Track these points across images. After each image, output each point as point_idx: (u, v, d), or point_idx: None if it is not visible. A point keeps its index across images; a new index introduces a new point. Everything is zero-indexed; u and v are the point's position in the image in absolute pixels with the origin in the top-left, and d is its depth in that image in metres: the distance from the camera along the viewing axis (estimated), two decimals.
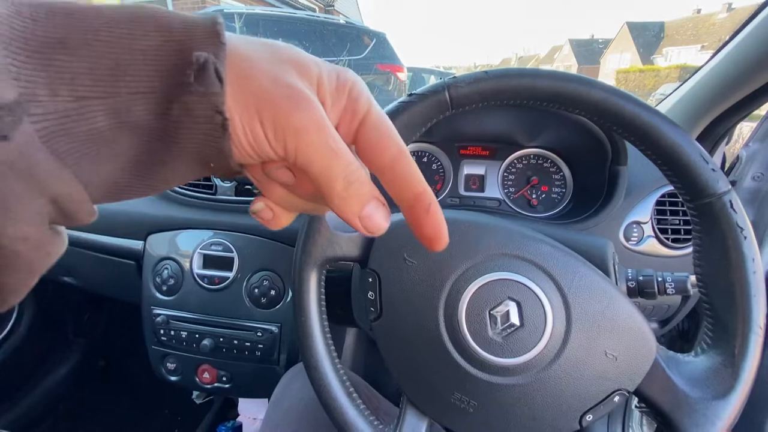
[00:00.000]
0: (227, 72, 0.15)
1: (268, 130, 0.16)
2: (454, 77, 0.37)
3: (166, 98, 0.14)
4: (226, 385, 0.74)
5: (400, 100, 0.38)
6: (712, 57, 0.63)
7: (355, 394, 0.40)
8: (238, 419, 0.94)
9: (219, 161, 0.16)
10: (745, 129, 0.79)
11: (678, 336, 0.81)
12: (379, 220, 0.18)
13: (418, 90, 0.38)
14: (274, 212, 0.21)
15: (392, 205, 0.20)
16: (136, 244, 0.74)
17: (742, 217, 0.33)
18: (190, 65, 0.14)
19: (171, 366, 0.76)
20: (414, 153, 0.75)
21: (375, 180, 0.19)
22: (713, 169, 0.33)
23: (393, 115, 0.38)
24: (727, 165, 0.71)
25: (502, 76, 0.36)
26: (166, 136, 0.15)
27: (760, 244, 0.63)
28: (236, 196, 0.70)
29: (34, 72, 0.13)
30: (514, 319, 0.34)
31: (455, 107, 0.37)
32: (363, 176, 0.18)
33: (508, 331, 0.34)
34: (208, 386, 0.75)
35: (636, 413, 0.84)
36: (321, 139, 0.16)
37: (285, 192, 0.20)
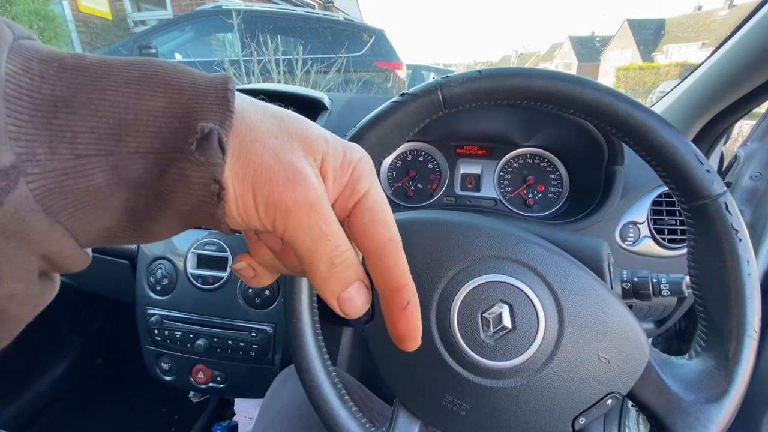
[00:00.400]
0: (230, 142, 0.15)
1: (260, 205, 0.16)
2: (447, 77, 0.37)
3: (165, 161, 0.14)
4: (221, 386, 0.74)
5: (392, 99, 0.38)
6: (710, 55, 0.62)
7: (347, 397, 0.39)
8: (234, 419, 0.94)
9: (210, 224, 0.16)
10: (745, 127, 0.79)
11: (675, 336, 0.80)
12: (357, 303, 0.18)
13: (411, 90, 0.37)
14: (256, 272, 0.21)
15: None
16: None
17: (737, 219, 0.32)
18: (193, 133, 0.14)
19: (165, 366, 0.76)
20: (410, 152, 0.75)
21: None
22: (708, 170, 0.32)
23: (385, 114, 0.37)
24: (725, 164, 0.70)
25: (495, 76, 0.35)
26: (160, 195, 0.15)
27: (758, 243, 0.62)
28: None
29: (35, 131, 0.13)
30: (506, 321, 0.34)
31: (448, 107, 0.37)
32: (349, 258, 0.18)
33: (500, 334, 0.34)
34: (203, 386, 0.75)
35: (632, 412, 0.84)
36: (311, 221, 0.16)
37: (271, 255, 0.20)
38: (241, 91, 0.89)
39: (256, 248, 0.20)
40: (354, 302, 0.18)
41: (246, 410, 0.93)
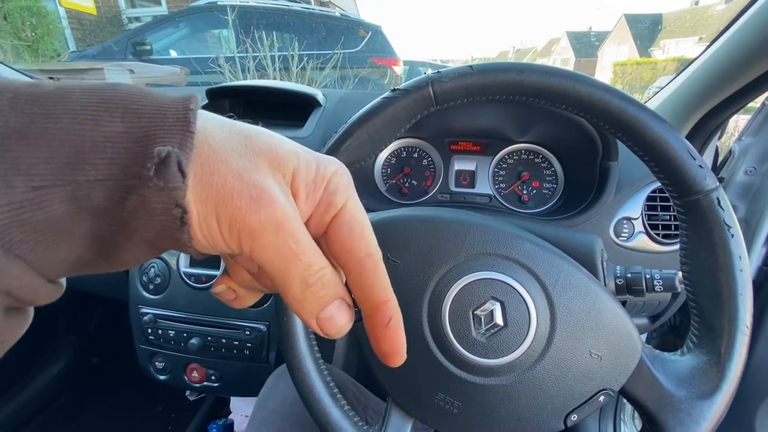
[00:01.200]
0: (192, 164, 0.14)
1: (224, 229, 0.15)
2: (438, 72, 0.36)
3: (125, 188, 0.14)
4: (215, 384, 0.74)
5: (383, 95, 0.37)
6: (705, 50, 0.62)
7: (339, 395, 0.39)
8: (230, 417, 0.94)
9: (178, 248, 0.16)
10: (741, 122, 0.79)
11: (670, 331, 0.81)
12: (339, 322, 0.17)
13: (402, 85, 0.37)
14: (237, 294, 0.20)
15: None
16: None
17: (730, 215, 0.32)
18: (150, 158, 0.14)
19: (159, 365, 0.75)
20: (404, 148, 0.74)
21: None
22: (700, 166, 0.32)
23: (376, 110, 0.37)
24: (720, 159, 0.70)
25: (486, 71, 0.35)
26: (124, 223, 0.14)
27: (752, 238, 0.62)
28: None
29: None
30: (498, 319, 0.34)
31: (440, 103, 0.36)
32: (325, 277, 0.17)
33: (492, 331, 0.34)
34: (197, 385, 0.74)
35: (628, 407, 0.84)
36: (278, 241, 0.15)
37: (249, 277, 0.19)
38: (237, 87, 0.87)
39: (234, 270, 0.20)
40: (334, 322, 0.17)
41: (242, 408, 0.93)
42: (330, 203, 0.18)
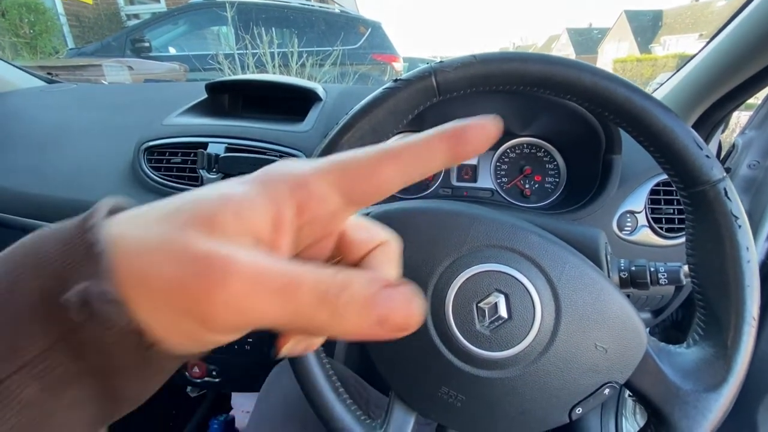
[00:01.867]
0: (123, 280, 0.12)
1: (199, 322, 0.13)
2: (441, 62, 0.36)
3: (77, 344, 0.13)
4: (216, 380, 0.74)
5: (385, 86, 0.37)
6: (707, 43, 0.62)
7: (341, 389, 0.39)
8: (231, 413, 0.94)
9: (179, 363, 0.14)
10: (743, 118, 0.78)
11: (672, 326, 0.80)
12: (400, 307, 0.13)
13: (404, 75, 0.37)
14: (303, 341, 0.18)
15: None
16: None
17: (737, 206, 0.32)
18: (71, 308, 0.12)
19: None
20: None
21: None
22: (707, 156, 0.32)
23: (378, 101, 0.36)
24: (723, 153, 0.70)
25: (490, 61, 0.34)
26: (100, 372, 0.13)
27: (756, 231, 0.62)
28: None
29: None
30: (502, 311, 0.33)
31: (442, 93, 0.36)
32: (339, 277, 0.13)
33: (496, 324, 0.33)
34: (198, 380, 0.74)
35: (629, 402, 0.84)
36: (264, 291, 0.13)
37: None
38: (236, 82, 0.86)
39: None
40: (395, 312, 0.13)
41: (243, 404, 0.93)
42: (313, 204, 0.15)
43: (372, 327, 0.13)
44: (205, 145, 0.68)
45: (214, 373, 0.73)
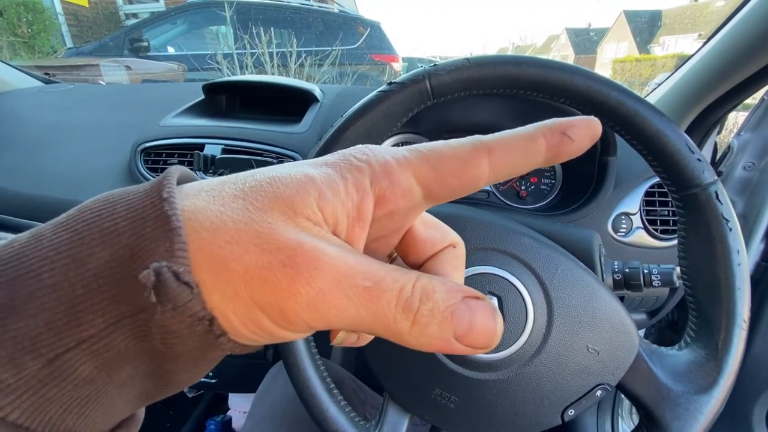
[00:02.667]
0: (195, 263, 0.12)
1: (276, 316, 0.12)
2: (435, 65, 0.36)
3: (140, 322, 0.12)
4: (213, 380, 0.74)
5: (379, 89, 0.37)
6: (703, 45, 0.62)
7: (336, 391, 0.39)
8: (228, 413, 0.94)
9: (236, 353, 0.14)
10: (740, 119, 0.78)
11: (667, 327, 0.81)
12: (482, 324, 0.13)
13: (398, 78, 0.37)
14: (357, 336, 0.17)
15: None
16: None
17: (728, 209, 0.32)
18: (143, 286, 0.11)
19: None
20: (401, 144, 0.74)
21: None
22: (699, 159, 0.32)
23: (373, 104, 0.37)
24: (719, 154, 0.70)
25: (484, 64, 0.35)
26: (160, 354, 0.13)
27: (750, 234, 0.62)
28: None
29: None
30: None
31: (437, 96, 0.36)
32: (424, 287, 0.13)
33: None
34: None
35: (626, 402, 0.84)
36: (347, 293, 0.12)
37: None
38: (234, 83, 0.86)
39: None
40: (477, 329, 0.13)
41: (240, 405, 0.93)
42: (391, 211, 0.14)
43: (449, 341, 0.13)
44: (201, 147, 0.68)
45: (210, 374, 0.73)
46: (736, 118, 0.88)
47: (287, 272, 0.12)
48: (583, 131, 0.14)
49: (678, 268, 0.39)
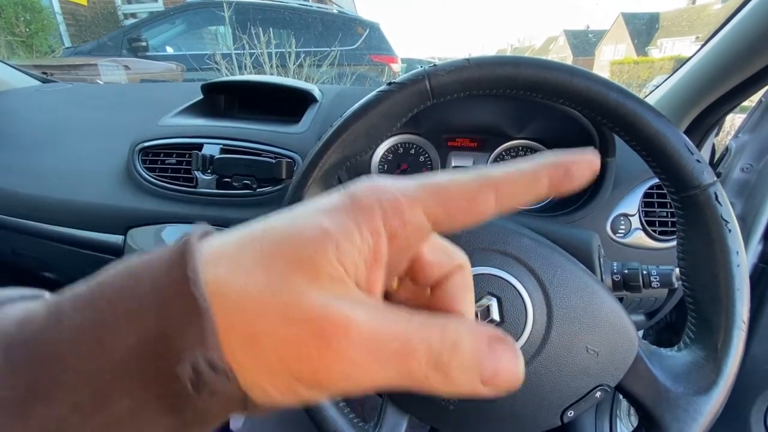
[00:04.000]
0: (229, 340, 0.12)
1: (312, 386, 0.12)
2: (435, 65, 0.36)
3: (172, 402, 0.12)
4: None
5: (379, 89, 0.37)
6: (702, 47, 0.62)
7: None
8: None
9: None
10: (738, 121, 0.79)
11: (666, 328, 0.81)
12: (507, 368, 0.13)
13: (398, 79, 0.37)
14: None
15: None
16: (115, 239, 0.72)
17: (727, 210, 0.32)
18: (178, 380, 0.11)
19: None
20: (401, 145, 0.74)
21: None
22: (698, 160, 0.32)
23: (372, 104, 0.36)
24: (717, 156, 0.70)
25: (483, 65, 0.35)
26: (187, 424, 0.13)
27: (748, 235, 0.62)
28: (217, 189, 0.68)
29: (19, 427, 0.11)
30: (495, 314, 0.33)
31: (436, 97, 0.36)
32: (451, 339, 0.13)
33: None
34: None
35: (624, 403, 0.84)
36: (380, 357, 0.12)
37: None
38: (232, 83, 0.86)
39: None
40: (502, 373, 0.13)
41: None
42: (402, 247, 0.14)
43: (477, 386, 0.13)
44: (200, 146, 0.67)
45: None
46: (733, 120, 0.88)
47: (318, 345, 0.12)
48: (584, 169, 0.15)
49: (677, 269, 0.39)
